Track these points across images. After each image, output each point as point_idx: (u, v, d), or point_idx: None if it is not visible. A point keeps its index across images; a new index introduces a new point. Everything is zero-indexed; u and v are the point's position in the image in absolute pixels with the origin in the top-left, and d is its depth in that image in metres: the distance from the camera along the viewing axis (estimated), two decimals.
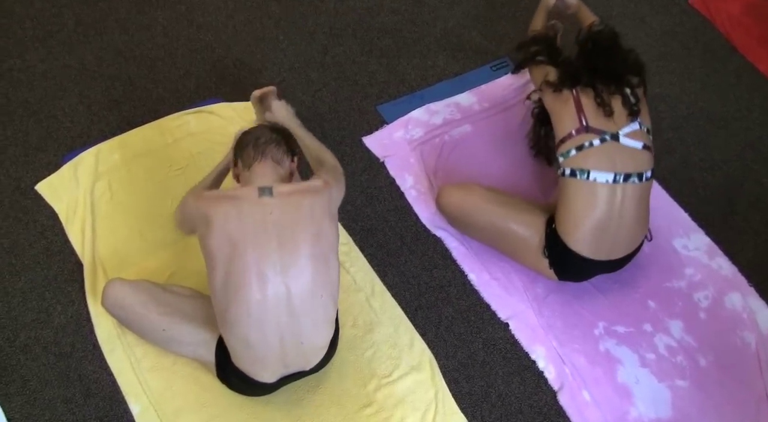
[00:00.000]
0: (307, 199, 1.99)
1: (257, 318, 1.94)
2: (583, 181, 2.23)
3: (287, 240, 1.94)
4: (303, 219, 1.97)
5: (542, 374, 2.35)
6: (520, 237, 2.40)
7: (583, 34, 2.48)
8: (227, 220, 1.94)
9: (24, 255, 2.45)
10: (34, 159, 2.66)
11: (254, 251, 1.92)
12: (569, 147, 2.28)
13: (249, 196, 1.97)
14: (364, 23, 3.14)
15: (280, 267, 1.93)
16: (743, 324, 2.46)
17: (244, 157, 2.08)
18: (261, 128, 2.15)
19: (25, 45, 2.96)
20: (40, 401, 2.20)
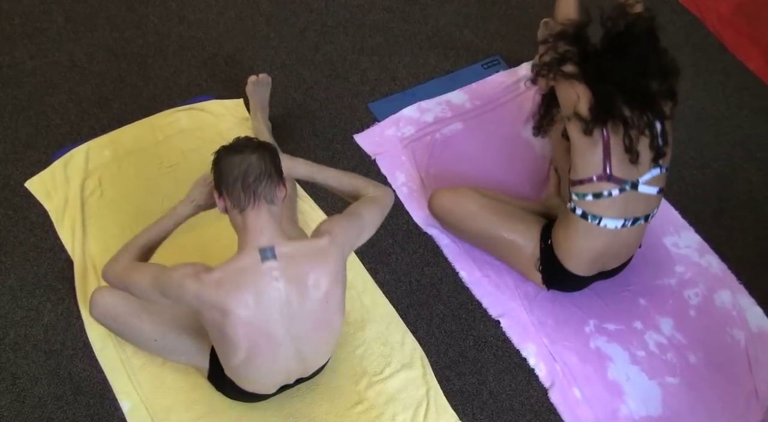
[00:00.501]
0: (314, 272, 1.87)
1: (267, 371, 2.00)
2: (593, 225, 2.21)
3: (297, 312, 1.89)
4: (310, 290, 1.89)
5: (533, 371, 2.35)
6: (512, 246, 2.40)
7: (614, 12, 2.17)
8: (246, 307, 1.83)
9: (13, 252, 2.44)
10: (23, 156, 2.65)
11: (269, 325, 1.88)
12: (586, 191, 2.17)
13: (254, 267, 1.83)
14: (356, 20, 3.14)
15: (292, 334, 1.92)
16: (733, 322, 2.47)
17: (232, 197, 1.85)
18: (244, 154, 1.85)
19: (13, 41, 2.94)
20: (29, 399, 2.19)
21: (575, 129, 2.13)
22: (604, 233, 2.22)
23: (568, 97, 2.15)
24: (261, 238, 1.83)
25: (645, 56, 2.15)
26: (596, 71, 2.12)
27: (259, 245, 1.83)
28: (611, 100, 2.09)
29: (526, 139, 2.85)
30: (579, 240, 2.25)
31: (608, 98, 2.09)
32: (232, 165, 1.84)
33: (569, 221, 2.25)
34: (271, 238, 1.84)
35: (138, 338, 2.15)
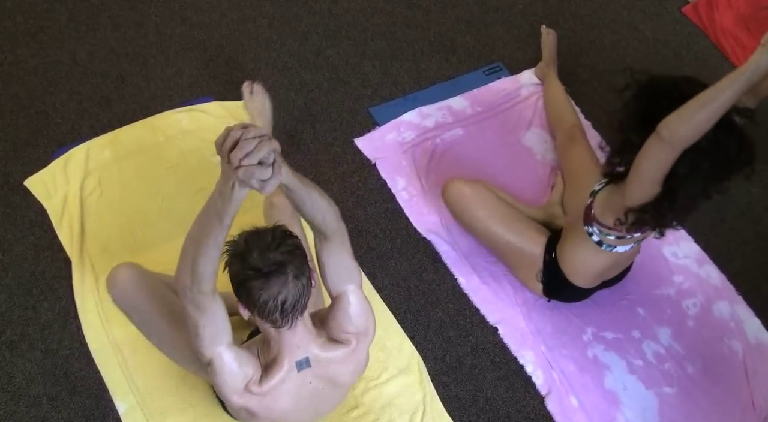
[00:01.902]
0: (345, 370, 1.88)
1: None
2: (606, 251, 2.23)
3: (325, 398, 1.93)
4: (340, 385, 1.92)
5: (530, 379, 2.35)
6: (517, 252, 2.40)
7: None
8: (282, 413, 1.85)
9: (11, 250, 2.43)
10: (23, 154, 2.64)
11: (297, 415, 1.91)
12: (611, 233, 2.17)
13: (290, 377, 1.80)
14: (358, 25, 3.14)
15: (317, 412, 1.97)
16: (731, 333, 2.47)
17: (266, 319, 1.69)
18: (279, 281, 1.62)
19: (16, 40, 2.94)
20: (25, 398, 2.19)
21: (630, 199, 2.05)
22: (613, 255, 2.24)
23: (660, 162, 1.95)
24: (297, 352, 1.78)
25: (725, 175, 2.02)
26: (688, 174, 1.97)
27: (296, 359, 1.79)
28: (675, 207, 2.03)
29: (527, 146, 2.85)
30: (588, 259, 2.26)
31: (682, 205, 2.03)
32: (268, 296, 1.62)
33: (580, 241, 2.24)
34: (306, 348, 1.80)
35: (153, 341, 2.11)
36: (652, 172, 1.94)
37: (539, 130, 2.89)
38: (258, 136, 1.50)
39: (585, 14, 3.30)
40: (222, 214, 1.58)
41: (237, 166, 1.49)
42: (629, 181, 2.02)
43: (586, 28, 3.25)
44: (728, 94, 1.78)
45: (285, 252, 1.64)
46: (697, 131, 1.83)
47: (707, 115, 1.80)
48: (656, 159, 1.92)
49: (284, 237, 1.67)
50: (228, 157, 1.50)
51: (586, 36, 3.22)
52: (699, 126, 1.82)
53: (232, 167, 1.50)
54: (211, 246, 1.61)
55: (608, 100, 3.00)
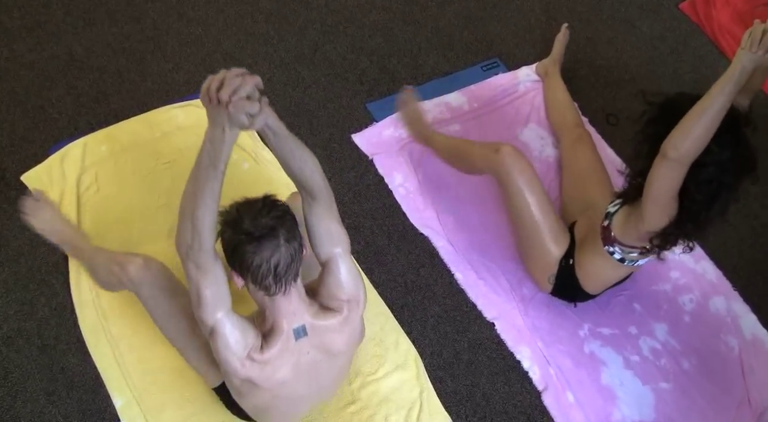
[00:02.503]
0: (341, 339, 1.90)
1: (285, 413, 2.01)
2: (629, 266, 2.24)
3: (323, 370, 1.94)
4: (337, 355, 1.94)
5: (527, 374, 2.36)
6: (539, 240, 2.35)
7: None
8: (281, 383, 1.86)
9: (8, 246, 2.43)
10: (20, 149, 2.64)
11: (296, 387, 1.91)
12: (634, 251, 2.18)
13: (288, 346, 1.82)
14: (356, 20, 3.14)
15: (316, 386, 1.98)
16: (727, 329, 2.47)
17: (260, 285, 1.73)
18: (271, 245, 1.67)
19: (12, 35, 2.93)
20: (21, 393, 2.18)
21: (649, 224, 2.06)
22: (634, 267, 2.27)
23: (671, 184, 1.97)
24: (293, 319, 1.81)
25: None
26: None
27: (293, 327, 1.82)
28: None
29: (524, 142, 2.85)
30: (608, 273, 2.29)
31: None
32: (260, 260, 1.67)
33: (601, 258, 2.24)
34: (301, 317, 1.82)
35: (165, 330, 2.10)
36: (665, 192, 1.96)
37: (536, 126, 2.89)
38: (241, 73, 1.58)
39: (582, 10, 3.30)
40: (215, 161, 1.62)
41: (227, 102, 1.56)
42: (645, 206, 2.03)
43: (583, 24, 3.25)
44: (721, 101, 1.81)
45: (276, 217, 1.69)
46: (699, 143, 1.85)
47: (706, 125, 1.82)
48: (667, 178, 1.94)
49: (274, 204, 1.73)
50: (216, 97, 1.57)
51: (584, 32, 3.22)
52: (700, 138, 1.84)
53: (220, 109, 1.58)
54: (208, 198, 1.65)
55: (605, 96, 3.00)
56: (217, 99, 1.57)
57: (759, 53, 1.77)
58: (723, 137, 1.90)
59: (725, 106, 1.81)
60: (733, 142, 1.92)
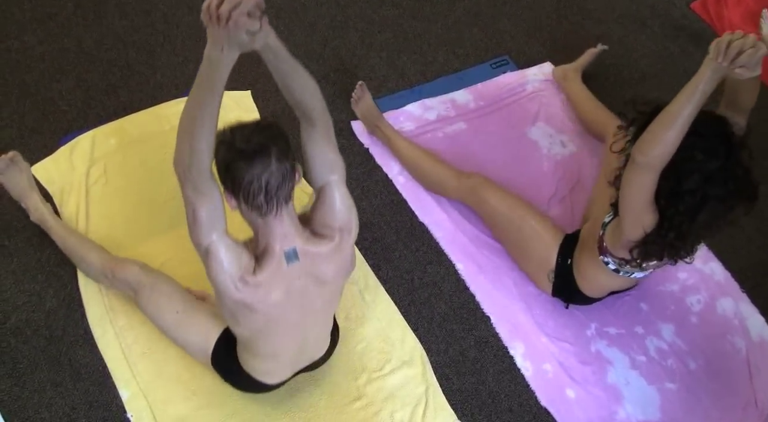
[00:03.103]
0: (332, 267, 1.91)
1: (277, 347, 2.00)
2: (624, 277, 2.23)
3: (313, 297, 1.95)
4: (327, 282, 1.94)
5: (519, 370, 2.35)
6: (530, 243, 2.39)
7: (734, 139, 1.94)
8: (274, 306, 1.88)
9: (17, 237, 2.44)
10: (29, 141, 2.65)
11: (287, 314, 1.93)
12: (626, 266, 2.17)
13: (280, 270, 1.84)
14: (365, 16, 3.13)
15: (305, 315, 1.97)
16: (734, 330, 2.47)
17: (252, 205, 1.75)
18: (263, 162, 1.70)
19: (23, 26, 2.94)
20: (29, 384, 2.19)
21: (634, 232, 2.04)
22: (632, 279, 2.26)
23: (645, 188, 1.96)
24: (285, 242, 1.83)
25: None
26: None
27: (284, 249, 1.83)
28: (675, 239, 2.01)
29: (533, 139, 2.84)
30: (604, 280, 2.28)
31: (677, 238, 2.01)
32: (251, 176, 1.70)
33: (597, 266, 2.24)
34: (293, 240, 1.84)
35: (162, 304, 2.15)
36: (636, 199, 1.96)
37: (544, 125, 2.88)
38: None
39: (593, 8, 3.29)
40: (212, 84, 1.63)
41: (227, 18, 1.53)
42: (621, 214, 2.04)
43: (594, 22, 3.24)
44: (687, 108, 1.82)
45: (268, 136, 1.72)
46: (666, 149, 1.86)
47: (673, 133, 1.84)
48: (637, 183, 1.94)
49: (268, 125, 1.77)
50: (216, 13, 1.54)
51: (594, 30, 3.21)
52: (666, 143, 1.85)
53: (220, 27, 1.55)
54: (206, 119, 1.66)
55: (614, 95, 2.99)
56: (217, 15, 1.54)
57: (723, 64, 1.76)
58: (712, 147, 1.90)
59: (691, 113, 1.82)
60: (723, 153, 1.91)
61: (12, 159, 2.37)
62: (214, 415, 2.17)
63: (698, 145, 1.89)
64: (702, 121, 1.87)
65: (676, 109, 1.83)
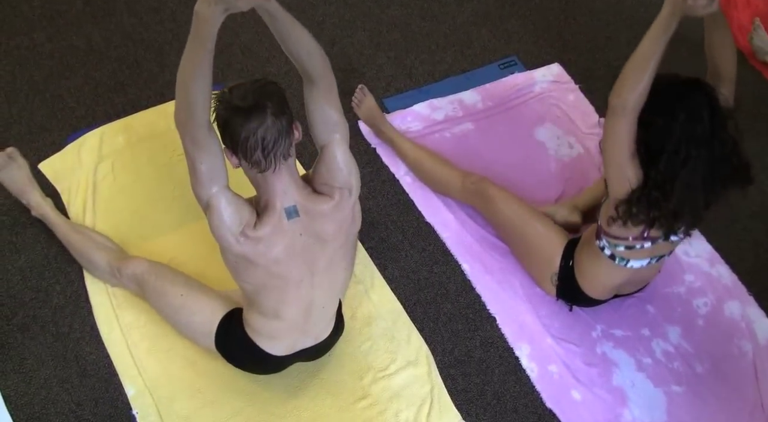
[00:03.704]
0: (333, 224, 1.94)
1: (281, 304, 2.00)
2: (620, 266, 2.22)
3: (317, 256, 1.96)
4: (329, 240, 1.96)
5: (525, 371, 2.34)
6: (534, 245, 2.39)
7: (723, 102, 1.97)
8: (275, 262, 1.90)
9: (25, 233, 2.45)
10: (38, 138, 2.65)
11: (291, 271, 1.94)
12: (619, 243, 2.15)
13: (281, 226, 1.86)
14: (374, 16, 3.14)
15: (310, 273, 1.98)
16: (741, 333, 2.46)
17: (251, 161, 1.78)
18: (258, 117, 1.73)
19: (32, 23, 2.95)
20: (36, 380, 2.20)
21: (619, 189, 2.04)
22: (628, 270, 2.23)
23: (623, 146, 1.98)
24: (285, 198, 1.86)
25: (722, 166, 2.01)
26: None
27: (284, 205, 1.86)
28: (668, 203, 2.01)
29: (540, 140, 2.84)
30: (602, 274, 2.26)
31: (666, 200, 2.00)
32: (248, 132, 1.73)
33: (595, 257, 2.24)
34: (293, 197, 1.87)
35: (166, 289, 2.18)
36: (617, 147, 1.98)
37: (552, 126, 2.88)
38: None
39: (601, 10, 3.28)
40: (203, 38, 1.67)
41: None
42: (605, 168, 2.07)
43: (602, 24, 3.23)
44: (651, 46, 1.89)
45: (265, 93, 1.76)
46: (638, 93, 1.90)
47: (642, 73, 1.89)
48: (615, 130, 1.96)
49: (266, 83, 1.80)
50: None
51: (602, 32, 3.20)
52: (638, 87, 1.89)
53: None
54: (199, 74, 1.70)
55: None
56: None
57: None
58: (695, 108, 1.93)
59: (657, 52, 1.87)
60: (706, 116, 1.93)
61: (10, 155, 2.38)
62: (219, 413, 2.18)
63: (681, 106, 1.93)
64: (687, 84, 1.93)
65: (643, 50, 1.89)
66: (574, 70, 3.03)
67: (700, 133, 1.93)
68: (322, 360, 2.26)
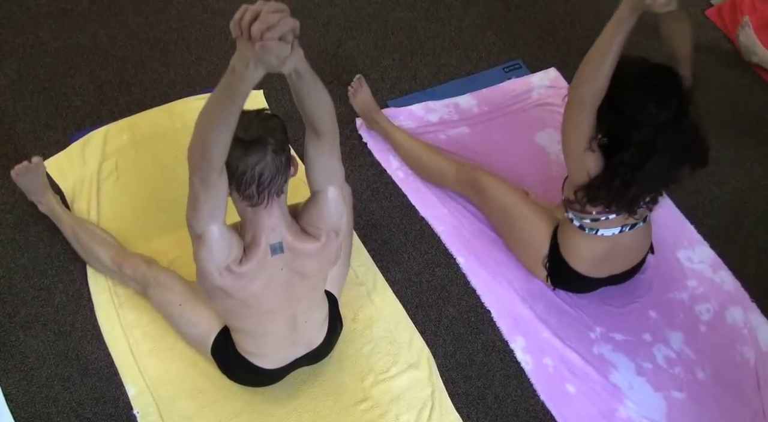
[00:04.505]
0: (316, 263, 1.95)
1: (266, 334, 2.03)
2: (592, 235, 2.23)
3: (295, 289, 1.97)
4: (309, 276, 1.97)
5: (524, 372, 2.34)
6: (524, 231, 2.41)
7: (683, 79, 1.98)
8: (254, 296, 1.91)
9: (28, 231, 2.45)
10: (42, 136, 2.66)
11: (262, 304, 1.95)
12: (584, 216, 2.17)
13: (264, 260, 1.86)
14: (379, 18, 3.14)
15: (287, 303, 2.00)
16: (743, 340, 2.45)
17: (243, 194, 1.77)
18: (258, 152, 1.72)
19: (38, 21, 2.95)
20: (37, 378, 2.20)
21: (590, 162, 2.04)
22: (603, 238, 2.24)
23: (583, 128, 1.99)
24: (272, 235, 1.85)
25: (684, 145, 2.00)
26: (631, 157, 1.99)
27: (270, 242, 1.85)
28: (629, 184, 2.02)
29: (540, 144, 2.84)
30: (580, 243, 2.27)
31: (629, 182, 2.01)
32: (245, 166, 1.71)
33: (569, 228, 2.27)
34: (280, 233, 1.86)
35: (166, 298, 2.18)
36: (575, 138, 1.99)
37: (553, 131, 2.87)
38: (279, 10, 1.40)
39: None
40: (235, 94, 1.53)
41: (258, 40, 1.39)
42: (564, 156, 2.08)
43: None
44: (609, 41, 1.85)
45: (267, 129, 1.73)
46: (597, 87, 1.89)
47: (601, 70, 1.87)
48: (573, 122, 1.97)
49: (269, 117, 1.78)
50: (248, 31, 1.40)
51: None
52: (597, 82, 1.88)
53: (250, 44, 1.40)
54: (223, 124, 1.58)
55: None
56: (248, 34, 1.39)
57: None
58: (664, 99, 1.92)
59: (615, 49, 1.85)
60: (674, 105, 1.93)
61: (36, 164, 2.37)
62: (220, 413, 2.18)
63: (651, 97, 1.92)
64: (655, 71, 1.92)
65: (601, 47, 1.87)
66: None
67: (667, 123, 1.93)
68: (322, 362, 2.26)
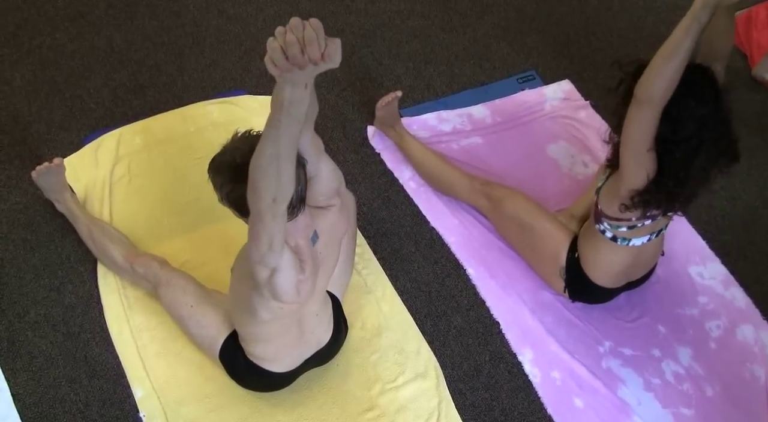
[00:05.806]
0: (341, 231, 2.09)
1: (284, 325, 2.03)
2: (623, 246, 2.23)
3: (327, 267, 2.06)
4: (338, 245, 2.11)
5: (532, 385, 2.33)
6: (540, 240, 2.40)
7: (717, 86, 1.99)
8: (308, 295, 1.97)
9: (40, 231, 2.46)
10: (56, 137, 2.67)
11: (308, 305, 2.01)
12: (621, 225, 2.17)
13: (314, 257, 1.93)
14: (394, 26, 3.14)
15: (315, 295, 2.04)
16: (754, 358, 2.43)
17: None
18: None
19: (55, 23, 2.97)
20: (45, 379, 2.21)
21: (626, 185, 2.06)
22: (631, 249, 2.24)
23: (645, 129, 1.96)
24: (308, 230, 1.90)
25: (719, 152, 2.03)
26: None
27: (311, 236, 1.91)
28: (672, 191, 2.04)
29: (553, 157, 2.83)
30: (608, 258, 2.27)
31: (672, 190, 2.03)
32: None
33: (597, 241, 2.25)
34: (311, 226, 1.91)
35: (177, 298, 2.19)
36: (639, 138, 1.97)
37: (566, 144, 2.87)
38: (302, 23, 1.32)
39: (622, 27, 3.28)
40: (299, 118, 1.47)
41: (320, 60, 1.32)
42: (622, 158, 2.05)
43: (622, 41, 3.22)
44: (683, 38, 1.82)
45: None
46: (667, 84, 1.87)
47: (672, 65, 1.84)
48: (639, 121, 1.95)
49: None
50: (307, 60, 1.32)
51: (622, 49, 3.19)
52: (667, 77, 1.86)
53: (308, 68, 1.34)
54: (291, 154, 1.53)
55: None
56: (309, 61, 1.33)
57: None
58: (702, 91, 1.93)
59: (689, 45, 1.82)
60: (712, 97, 1.95)
61: (58, 166, 2.39)
62: (226, 419, 2.17)
63: (689, 93, 1.92)
64: (688, 70, 1.90)
65: (674, 42, 1.84)
66: (592, 87, 3.02)
67: (708, 117, 1.95)
68: (330, 369, 2.26)
